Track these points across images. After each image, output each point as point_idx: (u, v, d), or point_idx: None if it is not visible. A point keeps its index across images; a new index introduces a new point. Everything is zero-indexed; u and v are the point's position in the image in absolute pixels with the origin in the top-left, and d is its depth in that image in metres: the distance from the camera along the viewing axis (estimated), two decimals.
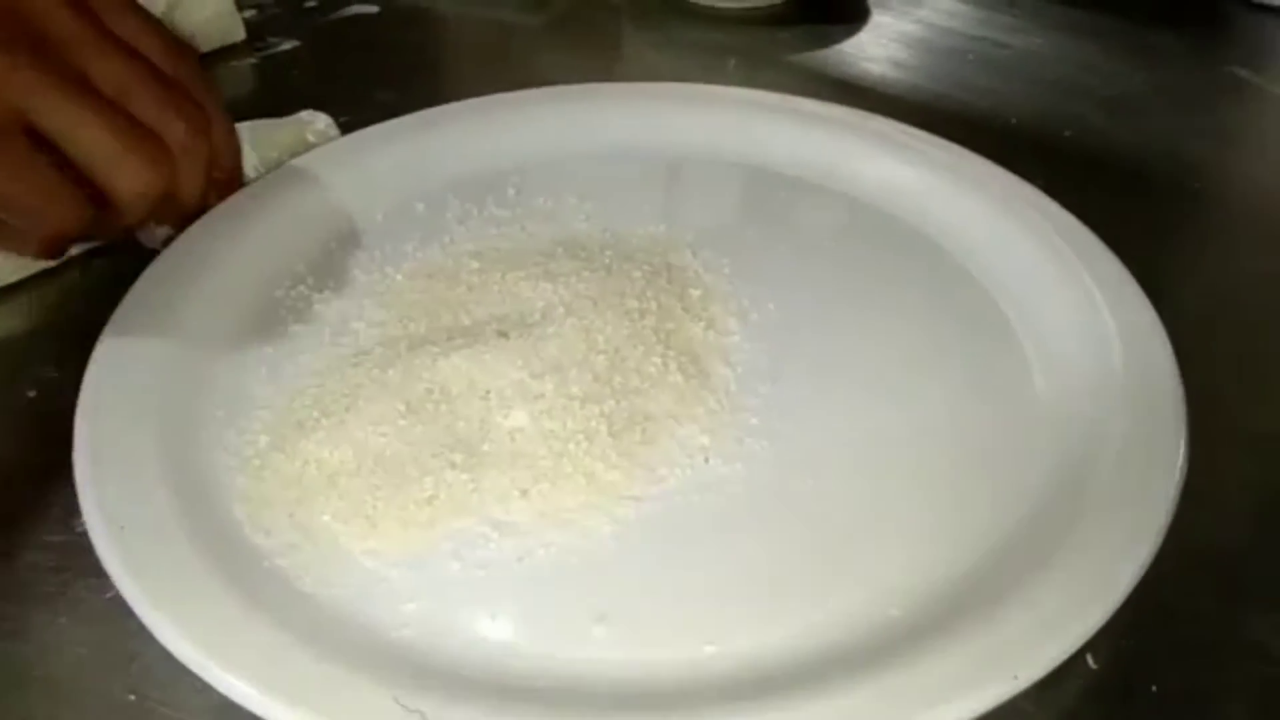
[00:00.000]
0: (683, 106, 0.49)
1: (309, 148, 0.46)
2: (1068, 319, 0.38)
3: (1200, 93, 0.56)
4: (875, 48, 0.58)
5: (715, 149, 0.48)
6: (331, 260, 0.42)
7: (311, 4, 0.62)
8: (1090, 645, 0.28)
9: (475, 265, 0.41)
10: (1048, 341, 0.38)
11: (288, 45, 0.58)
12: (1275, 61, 0.57)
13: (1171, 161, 0.50)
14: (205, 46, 0.56)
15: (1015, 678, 0.27)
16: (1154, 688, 0.29)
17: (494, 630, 0.30)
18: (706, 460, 0.34)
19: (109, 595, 0.29)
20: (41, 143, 0.33)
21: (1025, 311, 0.39)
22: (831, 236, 0.44)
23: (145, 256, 0.39)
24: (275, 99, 0.53)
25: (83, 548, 0.30)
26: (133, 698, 0.29)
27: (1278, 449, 0.37)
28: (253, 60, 0.57)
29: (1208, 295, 0.42)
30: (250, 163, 0.44)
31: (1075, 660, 0.28)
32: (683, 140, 0.48)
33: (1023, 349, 0.38)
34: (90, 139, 0.33)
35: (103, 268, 0.42)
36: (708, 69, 0.56)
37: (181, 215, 0.40)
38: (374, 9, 0.62)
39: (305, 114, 0.47)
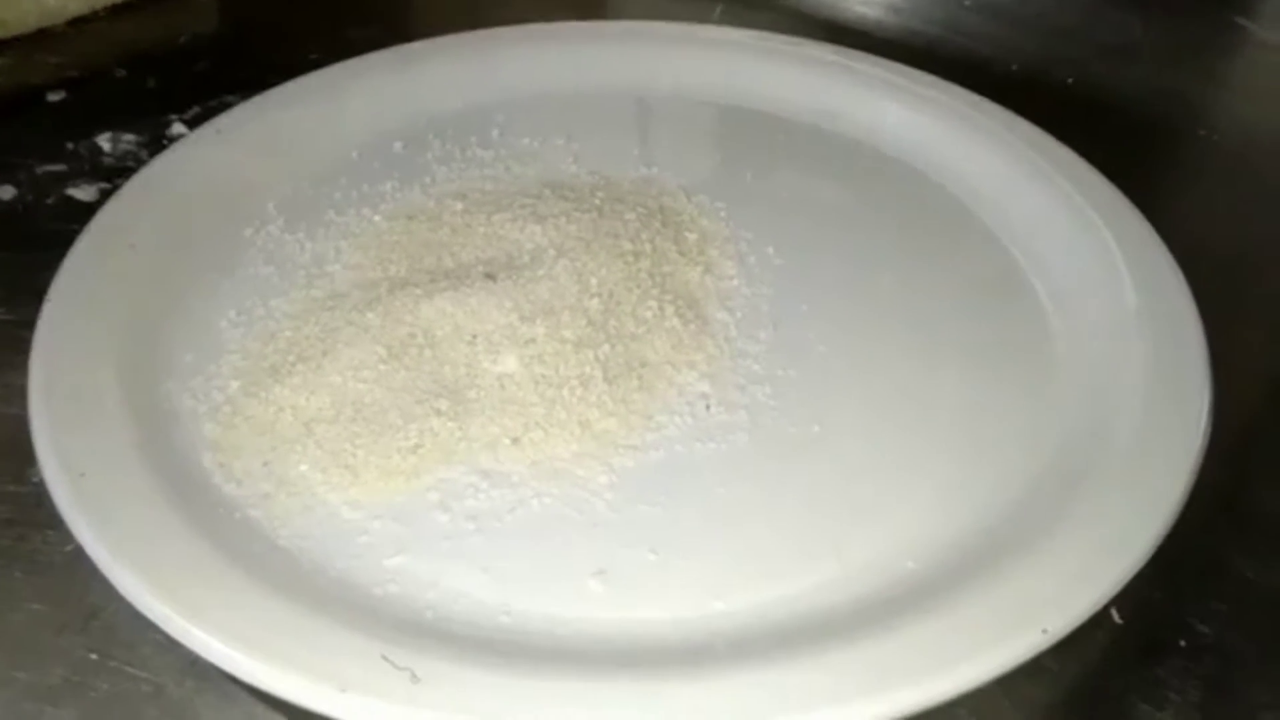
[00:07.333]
0: (675, 46, 0.47)
1: None
2: (1080, 260, 0.37)
3: (1200, 40, 0.54)
4: None
5: (708, 91, 0.45)
6: (304, 200, 0.40)
7: None
8: (1115, 599, 0.27)
9: (459, 207, 0.39)
10: (1060, 284, 0.37)
11: None
12: (1274, 10, 0.56)
13: (1173, 108, 0.49)
14: None
15: (1044, 631, 0.25)
16: (1181, 642, 0.28)
17: (485, 586, 0.28)
18: (708, 408, 0.32)
19: (68, 548, 0.28)
20: None
21: (1034, 253, 0.38)
22: (831, 180, 0.42)
23: (101, 191, 0.37)
24: (239, 34, 0.51)
25: (40, 498, 0.28)
26: (95, 656, 0.27)
27: None
28: None
29: (1211, 237, 0.41)
30: None
31: (1100, 615, 0.27)
32: (674, 81, 0.46)
33: (1035, 291, 0.37)
34: None
35: (58, 201, 0.40)
36: (692, 13, 0.54)
37: None
38: None
39: None
